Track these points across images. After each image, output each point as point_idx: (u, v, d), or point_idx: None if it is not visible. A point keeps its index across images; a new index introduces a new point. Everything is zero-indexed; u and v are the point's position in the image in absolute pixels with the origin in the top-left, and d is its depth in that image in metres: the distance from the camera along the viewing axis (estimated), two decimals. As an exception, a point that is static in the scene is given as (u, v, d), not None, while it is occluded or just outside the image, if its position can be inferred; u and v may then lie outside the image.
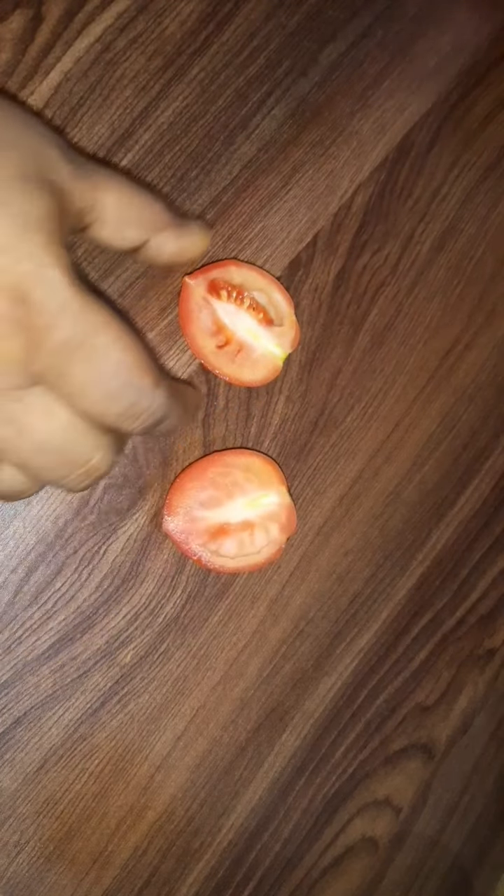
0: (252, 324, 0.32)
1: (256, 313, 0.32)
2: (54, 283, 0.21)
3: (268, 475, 0.33)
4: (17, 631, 0.31)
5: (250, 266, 0.33)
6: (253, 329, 0.32)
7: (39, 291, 0.21)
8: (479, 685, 0.40)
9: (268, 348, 0.32)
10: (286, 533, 0.33)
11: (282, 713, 0.35)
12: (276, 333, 0.33)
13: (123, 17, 0.31)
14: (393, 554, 0.37)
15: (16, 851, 0.31)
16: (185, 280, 0.31)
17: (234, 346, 0.32)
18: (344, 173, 0.35)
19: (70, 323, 0.21)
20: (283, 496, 0.33)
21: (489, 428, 0.39)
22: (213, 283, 0.32)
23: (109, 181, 0.25)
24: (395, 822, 0.39)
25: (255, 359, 0.32)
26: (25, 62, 0.30)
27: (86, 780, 0.32)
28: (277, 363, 0.33)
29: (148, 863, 0.33)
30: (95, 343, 0.22)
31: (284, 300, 0.33)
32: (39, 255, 0.21)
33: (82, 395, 0.22)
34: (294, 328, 0.33)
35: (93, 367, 0.22)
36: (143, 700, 0.32)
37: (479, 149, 0.38)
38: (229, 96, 0.33)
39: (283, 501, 0.33)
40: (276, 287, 0.33)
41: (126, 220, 0.25)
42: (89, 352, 0.21)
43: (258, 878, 0.35)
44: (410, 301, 0.37)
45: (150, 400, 0.23)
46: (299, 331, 0.33)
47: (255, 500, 0.33)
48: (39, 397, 0.22)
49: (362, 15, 0.35)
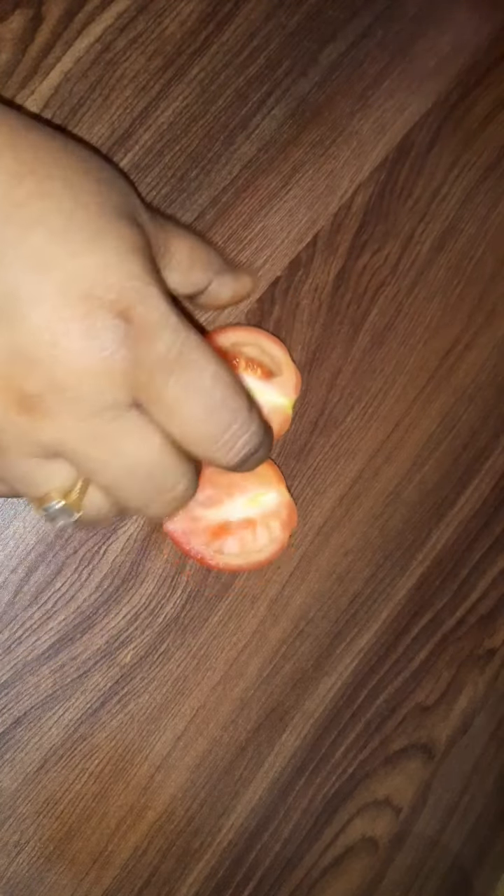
0: (252, 383, 0.32)
1: (254, 371, 0.32)
2: (155, 300, 0.21)
3: (265, 474, 0.33)
4: (17, 631, 0.31)
5: (233, 327, 0.33)
6: (255, 387, 0.32)
7: (142, 307, 0.21)
8: (479, 685, 0.40)
9: (274, 402, 0.33)
10: (288, 529, 0.33)
11: (282, 713, 0.35)
12: (278, 384, 0.33)
13: (123, 17, 0.31)
14: (393, 554, 0.37)
15: (16, 851, 0.31)
16: None
17: None
18: (344, 173, 0.35)
19: (169, 338, 0.21)
20: (283, 494, 0.33)
21: (489, 428, 0.39)
22: None
23: (178, 228, 0.26)
24: (395, 822, 0.39)
25: (265, 415, 0.32)
26: (25, 62, 0.30)
27: (86, 780, 0.32)
28: (287, 412, 0.33)
29: (148, 863, 0.33)
30: (192, 358, 0.22)
31: (277, 347, 0.33)
32: (141, 275, 0.21)
33: (178, 413, 0.22)
34: (293, 373, 0.33)
35: (190, 382, 0.22)
36: (143, 700, 0.32)
37: (479, 149, 0.38)
38: (229, 96, 0.33)
39: (283, 499, 0.33)
40: (265, 337, 0.33)
41: (194, 266, 0.27)
42: (186, 366, 0.22)
43: (258, 878, 0.35)
44: (410, 301, 0.37)
45: (245, 423, 0.23)
46: (299, 375, 0.33)
47: (254, 498, 0.33)
48: (134, 420, 0.22)
49: (362, 15, 0.35)
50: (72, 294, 0.20)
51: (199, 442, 0.23)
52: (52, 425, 0.21)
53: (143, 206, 0.25)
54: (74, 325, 0.20)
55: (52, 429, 0.21)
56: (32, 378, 0.20)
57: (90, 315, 0.20)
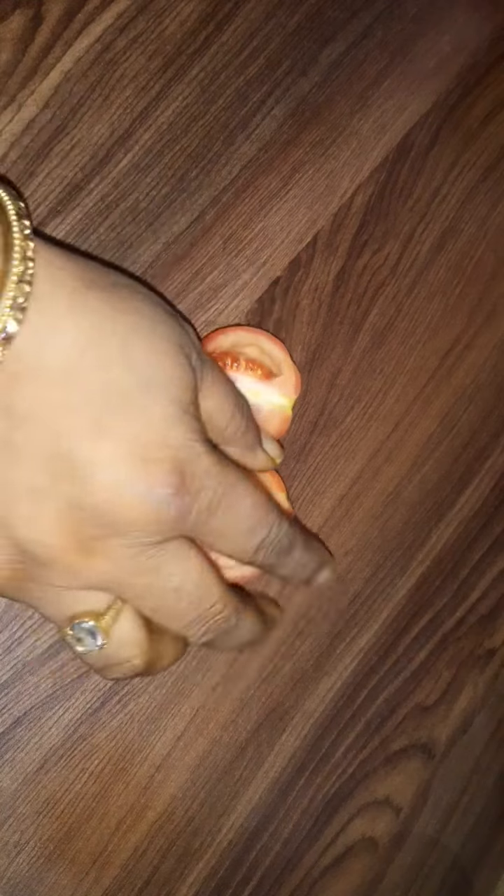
0: (252, 383, 0.32)
1: (254, 371, 0.32)
2: (201, 454, 0.24)
3: (265, 481, 0.32)
4: (16, 631, 0.31)
5: (234, 327, 0.33)
6: (255, 388, 0.32)
7: (192, 463, 0.24)
8: (479, 685, 0.40)
9: (274, 402, 0.32)
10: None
11: (282, 713, 0.35)
12: (278, 384, 0.33)
13: (123, 17, 0.31)
14: (393, 554, 0.37)
15: (16, 851, 0.31)
16: None
17: None
18: (344, 173, 0.35)
19: (213, 486, 0.24)
20: (282, 502, 0.32)
21: (489, 428, 0.39)
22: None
23: (214, 387, 0.27)
24: (395, 822, 0.39)
25: (264, 416, 0.32)
26: (25, 62, 0.30)
27: (86, 781, 0.32)
28: (286, 412, 0.33)
29: (148, 863, 0.33)
30: (233, 496, 0.25)
31: (276, 347, 0.33)
32: (190, 434, 0.24)
33: (222, 536, 0.25)
34: (293, 373, 0.33)
35: (232, 515, 0.25)
36: (143, 700, 0.32)
37: (479, 149, 0.38)
38: (229, 96, 0.33)
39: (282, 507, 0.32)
40: (265, 337, 0.32)
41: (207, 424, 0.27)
42: (229, 504, 0.25)
43: (258, 878, 0.35)
44: (410, 301, 0.37)
45: (277, 530, 0.26)
46: (299, 375, 0.33)
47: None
48: (178, 546, 0.25)
49: (362, 15, 0.35)
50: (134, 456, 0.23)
51: (246, 553, 0.26)
52: (104, 563, 0.23)
53: (194, 346, 0.26)
54: (137, 484, 0.23)
55: (103, 566, 0.23)
56: (97, 527, 0.23)
57: (150, 475, 0.23)
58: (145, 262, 0.32)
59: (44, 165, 0.30)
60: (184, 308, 0.32)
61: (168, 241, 0.32)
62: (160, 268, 0.32)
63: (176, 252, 0.32)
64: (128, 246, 0.32)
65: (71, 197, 0.31)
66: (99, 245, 0.31)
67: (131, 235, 0.32)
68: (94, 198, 0.31)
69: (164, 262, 0.32)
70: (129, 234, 0.32)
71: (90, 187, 0.31)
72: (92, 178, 0.31)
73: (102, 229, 0.31)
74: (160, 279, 0.32)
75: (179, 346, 0.24)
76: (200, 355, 0.26)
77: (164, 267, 0.32)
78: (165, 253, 0.32)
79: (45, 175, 0.30)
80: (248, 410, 0.29)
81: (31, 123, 0.30)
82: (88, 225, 0.31)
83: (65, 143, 0.31)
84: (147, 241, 0.32)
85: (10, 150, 0.30)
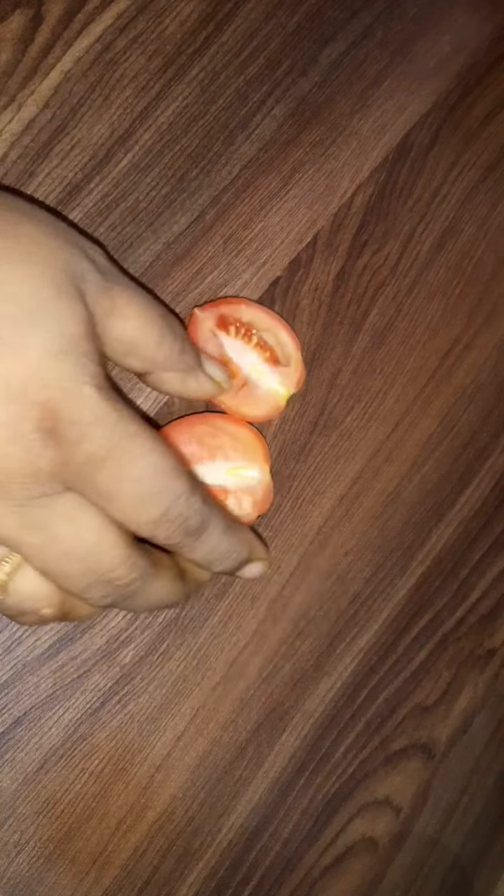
0: (258, 361, 0.32)
1: (263, 352, 0.32)
2: (87, 398, 0.21)
3: (254, 449, 0.32)
4: (17, 631, 0.31)
5: (260, 307, 0.33)
6: (258, 367, 0.32)
7: (73, 407, 0.21)
8: (479, 685, 0.40)
9: (272, 387, 0.32)
10: (259, 510, 0.32)
11: (282, 713, 0.35)
12: (282, 373, 0.33)
13: (123, 17, 0.31)
14: (393, 554, 0.37)
15: (16, 851, 0.31)
16: (194, 311, 0.31)
17: (239, 381, 0.32)
18: (344, 173, 0.35)
19: (99, 435, 0.21)
20: (264, 473, 0.32)
21: (489, 428, 0.39)
22: (222, 317, 0.32)
23: (129, 307, 0.24)
24: (395, 822, 0.39)
25: (257, 395, 0.32)
26: (25, 62, 0.30)
27: (86, 780, 0.32)
28: (280, 402, 0.33)
29: (148, 863, 0.33)
30: (126, 450, 0.22)
31: (292, 341, 0.33)
32: (75, 373, 0.21)
33: (112, 500, 0.22)
34: (299, 369, 0.33)
35: (123, 473, 0.22)
36: (143, 700, 0.32)
37: (479, 149, 0.38)
38: (229, 96, 0.33)
39: (263, 478, 0.32)
40: (284, 328, 0.33)
41: (132, 353, 0.25)
42: (119, 459, 0.22)
43: (258, 878, 0.35)
44: (410, 301, 0.37)
45: (185, 505, 0.23)
46: (304, 373, 0.33)
47: (235, 468, 0.31)
48: (70, 503, 0.22)
49: (362, 15, 0.35)
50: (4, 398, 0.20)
51: (140, 526, 0.23)
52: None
53: (96, 268, 0.23)
54: (5, 429, 0.20)
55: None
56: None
57: (15, 421, 0.20)
58: (145, 262, 0.32)
59: (44, 165, 0.30)
60: (184, 308, 0.32)
61: (168, 240, 0.32)
62: (160, 267, 0.32)
63: (176, 252, 0.32)
64: (128, 246, 0.32)
65: (71, 197, 0.31)
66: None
67: (131, 235, 0.32)
68: (94, 198, 0.31)
69: (165, 261, 0.32)
70: (130, 234, 0.32)
71: (90, 187, 0.31)
72: (92, 178, 0.31)
73: (102, 229, 0.31)
74: (160, 279, 0.32)
75: (66, 273, 0.22)
76: (108, 276, 0.24)
77: (165, 267, 0.32)
78: (166, 253, 0.32)
79: (45, 175, 0.30)
80: (181, 329, 0.26)
81: (31, 123, 0.30)
82: (88, 225, 0.31)
83: (65, 143, 0.31)
84: (147, 240, 0.32)
85: (10, 150, 0.30)
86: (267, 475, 0.32)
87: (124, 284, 0.24)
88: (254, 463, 0.32)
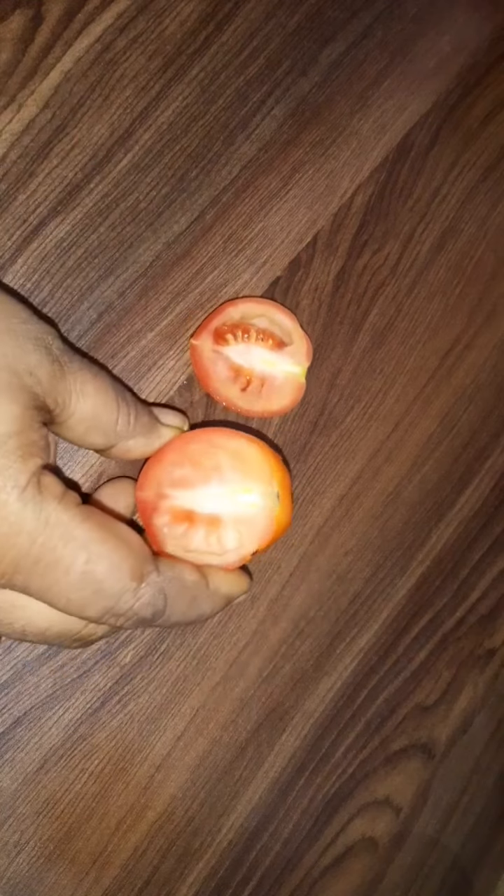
0: (265, 353, 0.32)
1: (265, 341, 0.32)
2: (4, 507, 0.21)
3: (259, 467, 0.27)
4: (17, 631, 0.31)
5: (243, 298, 0.33)
6: (267, 358, 0.32)
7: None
8: (479, 685, 0.40)
9: (287, 370, 0.33)
10: (262, 543, 0.27)
11: (282, 713, 0.35)
12: (290, 353, 0.33)
13: (123, 17, 0.31)
14: (393, 554, 0.37)
15: (16, 851, 0.31)
16: (191, 343, 0.32)
17: (257, 383, 0.32)
18: (344, 173, 0.35)
19: (23, 543, 0.21)
20: (268, 497, 0.27)
21: (489, 428, 0.39)
22: (216, 333, 0.32)
23: (86, 386, 0.24)
24: (395, 822, 0.39)
25: (279, 386, 0.33)
26: (25, 62, 0.30)
27: (86, 780, 0.32)
28: (300, 380, 0.33)
29: (148, 863, 0.33)
30: (55, 557, 0.22)
31: (286, 317, 0.33)
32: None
33: (50, 603, 0.22)
34: (304, 340, 0.33)
35: (53, 582, 0.22)
36: (143, 700, 0.32)
37: (479, 149, 0.38)
38: (229, 96, 0.33)
39: (266, 504, 0.27)
40: (274, 307, 0.33)
41: (94, 429, 0.25)
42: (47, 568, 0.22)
43: (258, 878, 0.35)
44: (410, 301, 0.37)
45: (129, 602, 0.23)
46: (310, 343, 0.33)
47: (232, 493, 0.27)
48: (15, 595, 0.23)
49: (362, 15, 0.35)
50: None
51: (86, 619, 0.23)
52: None
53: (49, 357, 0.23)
54: None
55: None
56: None
57: None
58: (146, 262, 0.32)
59: (44, 165, 0.30)
60: (184, 307, 0.32)
61: (168, 240, 0.32)
62: (160, 267, 0.32)
63: (176, 252, 0.32)
64: (128, 246, 0.32)
65: (71, 197, 0.31)
66: (99, 245, 0.31)
67: (131, 235, 0.32)
68: (94, 198, 0.31)
69: (165, 261, 0.32)
70: (130, 234, 0.32)
71: (90, 187, 0.31)
72: (92, 178, 0.31)
73: (102, 229, 0.31)
74: (160, 279, 0.32)
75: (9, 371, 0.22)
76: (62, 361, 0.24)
77: (165, 267, 0.32)
78: (166, 253, 0.32)
79: (45, 175, 0.30)
80: (131, 394, 0.27)
81: (31, 123, 0.30)
82: (88, 225, 0.31)
83: (65, 143, 0.31)
84: (147, 240, 0.32)
85: (10, 150, 0.30)
86: (270, 500, 0.27)
87: (78, 365, 0.25)
88: (257, 485, 0.27)
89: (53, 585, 0.22)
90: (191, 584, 0.25)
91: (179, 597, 0.24)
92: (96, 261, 0.31)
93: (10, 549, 0.21)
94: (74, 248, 0.31)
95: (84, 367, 0.25)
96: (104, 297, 0.31)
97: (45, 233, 0.30)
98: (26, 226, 0.30)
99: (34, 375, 0.23)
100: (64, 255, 0.31)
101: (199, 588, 0.25)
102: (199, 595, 0.25)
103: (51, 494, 0.22)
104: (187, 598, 0.25)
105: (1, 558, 0.21)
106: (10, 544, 0.21)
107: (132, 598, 0.23)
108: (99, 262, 0.31)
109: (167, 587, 0.24)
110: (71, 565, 0.22)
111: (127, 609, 0.23)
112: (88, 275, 0.31)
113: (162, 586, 0.24)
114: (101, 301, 0.31)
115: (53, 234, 0.30)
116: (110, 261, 0.31)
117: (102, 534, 0.23)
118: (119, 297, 0.31)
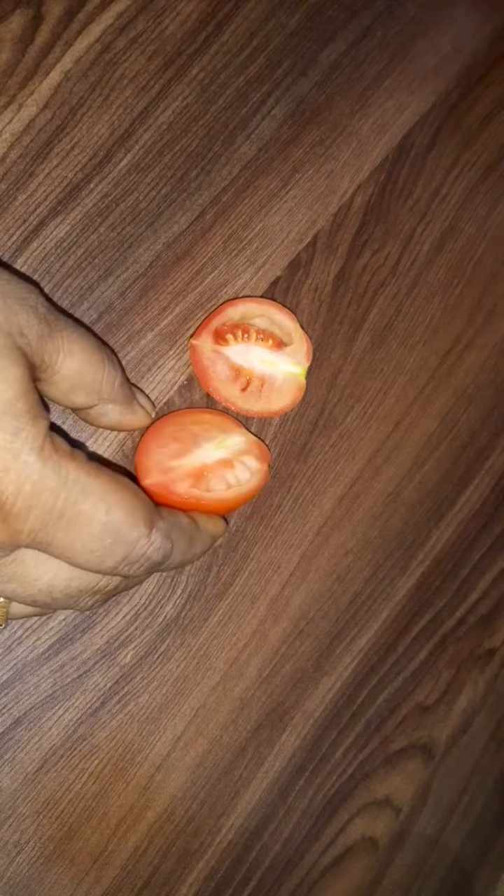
0: (265, 354, 0.33)
1: (265, 341, 0.33)
2: (27, 467, 0.22)
3: (222, 423, 0.32)
4: (17, 631, 0.31)
5: (243, 298, 0.33)
6: (267, 358, 0.33)
7: (13, 479, 0.21)
8: (479, 685, 0.40)
9: (287, 370, 0.33)
10: (265, 461, 0.32)
11: (282, 713, 0.35)
12: (290, 353, 0.33)
13: (123, 17, 0.31)
14: (393, 554, 0.37)
15: (16, 851, 0.31)
16: (191, 343, 0.32)
17: (257, 383, 0.32)
18: (344, 173, 0.35)
19: (47, 500, 0.22)
20: (246, 434, 0.32)
21: (489, 428, 0.39)
22: (216, 333, 0.32)
23: (73, 345, 0.25)
24: (395, 822, 0.39)
25: (279, 386, 0.33)
26: (25, 62, 0.30)
27: (86, 780, 0.32)
28: (300, 381, 0.33)
29: (148, 863, 0.33)
30: (76, 511, 0.23)
31: (286, 317, 0.33)
32: (11, 443, 0.21)
33: (71, 556, 0.23)
34: (304, 340, 0.33)
35: (76, 536, 0.23)
36: (143, 700, 0.32)
37: (479, 149, 0.38)
38: (229, 96, 0.33)
39: (249, 438, 0.32)
40: (274, 307, 0.33)
41: (78, 387, 0.26)
42: (70, 521, 0.23)
43: (258, 878, 0.35)
44: (410, 301, 0.37)
45: (144, 548, 0.24)
46: (310, 343, 0.33)
47: (220, 442, 0.31)
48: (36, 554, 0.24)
49: (362, 15, 0.35)
50: None
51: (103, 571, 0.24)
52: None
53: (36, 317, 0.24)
54: None
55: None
56: None
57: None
58: (146, 262, 0.32)
59: (44, 165, 0.30)
60: (184, 307, 0.32)
61: (168, 240, 0.32)
62: (161, 267, 0.32)
63: (176, 252, 0.32)
64: (128, 245, 0.32)
65: (71, 197, 0.31)
66: (99, 245, 0.31)
67: (131, 235, 0.32)
68: (94, 198, 0.31)
69: (165, 261, 0.32)
70: (130, 234, 0.32)
71: (90, 187, 0.31)
72: (92, 178, 0.31)
73: (102, 229, 0.31)
74: (160, 279, 0.32)
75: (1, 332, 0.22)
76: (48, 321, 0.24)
77: (165, 266, 0.32)
78: (166, 252, 0.32)
79: (45, 175, 0.30)
80: (118, 361, 0.28)
81: (31, 123, 0.30)
82: (88, 225, 0.31)
83: (65, 143, 0.31)
84: (147, 240, 0.32)
85: (10, 150, 0.30)
86: (249, 435, 0.32)
87: (63, 324, 0.25)
88: (230, 431, 0.32)
89: (76, 538, 0.23)
90: (187, 527, 0.27)
91: (180, 539, 0.26)
92: (96, 261, 0.31)
93: (35, 508, 0.22)
94: (74, 248, 0.31)
95: (69, 326, 0.25)
96: (104, 297, 0.31)
97: (45, 233, 0.30)
98: (26, 226, 0.30)
99: (24, 336, 0.23)
100: (64, 255, 0.31)
101: (192, 529, 0.28)
102: (193, 535, 0.28)
103: (64, 452, 0.23)
104: (186, 540, 0.27)
105: (27, 517, 0.22)
106: (34, 503, 0.22)
107: (146, 543, 0.24)
108: (99, 262, 0.31)
109: (171, 531, 0.26)
110: (93, 517, 0.23)
111: (141, 555, 0.24)
112: (88, 275, 0.31)
113: (167, 531, 0.25)
114: (101, 301, 0.31)
115: (53, 234, 0.30)
116: (110, 261, 0.31)
117: (115, 485, 0.24)
118: (119, 297, 0.31)
